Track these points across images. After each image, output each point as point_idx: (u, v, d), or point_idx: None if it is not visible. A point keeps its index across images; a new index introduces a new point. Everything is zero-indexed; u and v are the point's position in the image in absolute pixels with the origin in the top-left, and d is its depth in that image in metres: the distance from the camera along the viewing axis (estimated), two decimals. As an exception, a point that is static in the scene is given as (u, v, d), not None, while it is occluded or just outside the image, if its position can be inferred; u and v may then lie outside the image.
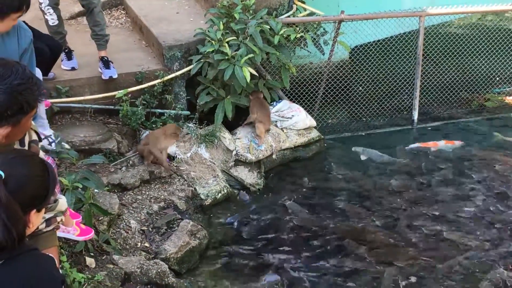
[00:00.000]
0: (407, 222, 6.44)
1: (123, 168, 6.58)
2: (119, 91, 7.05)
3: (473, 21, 10.34)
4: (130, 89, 7.15)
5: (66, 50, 7.32)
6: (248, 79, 7.03)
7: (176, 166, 6.87)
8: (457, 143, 7.99)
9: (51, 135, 6.12)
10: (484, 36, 8.82)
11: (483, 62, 8.86)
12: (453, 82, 8.84)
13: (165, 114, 7.31)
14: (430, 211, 6.60)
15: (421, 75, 8.41)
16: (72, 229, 4.55)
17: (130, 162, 6.70)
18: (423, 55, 8.34)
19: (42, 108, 6.07)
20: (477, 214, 6.57)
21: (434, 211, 6.61)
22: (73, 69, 7.32)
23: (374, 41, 8.73)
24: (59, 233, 4.35)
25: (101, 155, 6.40)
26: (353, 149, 7.87)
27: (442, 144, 7.95)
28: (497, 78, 9.03)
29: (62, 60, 7.27)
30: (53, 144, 5.87)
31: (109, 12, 9.09)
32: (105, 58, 7.22)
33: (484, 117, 8.66)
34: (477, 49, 8.82)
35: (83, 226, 4.69)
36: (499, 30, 8.93)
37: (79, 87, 7.16)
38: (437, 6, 8.29)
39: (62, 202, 3.92)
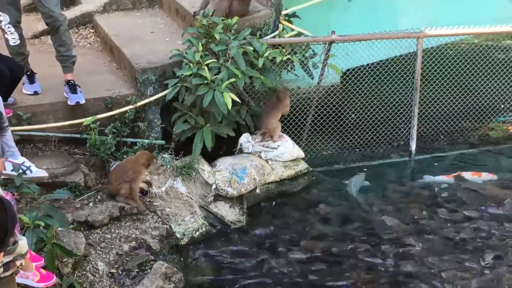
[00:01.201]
0: (400, 265, 6.44)
1: (90, 204, 6.54)
2: (87, 118, 7.04)
3: (476, 43, 10.47)
4: (99, 116, 7.13)
5: (28, 73, 7.32)
6: (230, 105, 7.03)
7: (149, 201, 6.84)
8: (485, 175, 8.03)
9: (24, 162, 6.11)
10: (488, 59, 8.92)
11: (487, 88, 8.93)
12: (454, 110, 8.90)
13: (138, 144, 7.30)
14: (425, 256, 6.58)
15: (420, 102, 8.45)
16: (32, 274, 4.51)
17: (98, 197, 6.66)
18: (421, 80, 8.39)
19: (9, 136, 6.05)
20: (477, 256, 6.60)
21: (429, 256, 6.60)
22: (35, 93, 7.31)
23: (367, 64, 8.81)
24: (18, 279, 4.31)
25: (66, 189, 6.37)
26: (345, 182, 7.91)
27: (468, 176, 8.00)
28: (502, 106, 9.10)
29: (23, 84, 7.26)
30: (28, 172, 5.86)
31: (76, 30, 9.13)
32: (72, 81, 7.22)
33: (488, 148, 8.71)
34: (480, 74, 8.90)
35: (43, 271, 4.64)
36: (503, 53, 9.03)
37: (42, 113, 7.14)
38: (437, 26, 8.38)
39: (22, 244, 3.88)
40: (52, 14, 6.93)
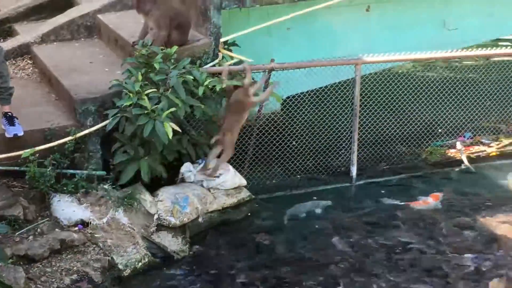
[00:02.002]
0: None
1: (30, 237, 6.49)
2: (25, 151, 6.98)
3: (413, 69, 10.74)
4: (37, 148, 7.09)
5: (-35, 105, 7.26)
6: (170, 135, 7.08)
7: (90, 233, 6.81)
8: (440, 195, 8.26)
9: None
10: (425, 85, 9.14)
11: (424, 113, 9.14)
12: (393, 135, 9.07)
13: (77, 176, 7.27)
14: (373, 279, 6.69)
15: (359, 128, 8.61)
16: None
17: (38, 230, 6.62)
18: (360, 106, 8.54)
19: None
20: (422, 278, 6.73)
21: (376, 279, 6.69)
22: (-28, 126, 7.25)
23: (308, 91, 8.93)
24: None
25: (5, 223, 6.31)
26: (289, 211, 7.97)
27: (432, 201, 8.17)
28: (439, 130, 9.31)
29: (-41, 117, 7.20)
30: None
31: (13, 62, 9.06)
32: (9, 113, 7.18)
33: (428, 171, 8.89)
34: (418, 99, 9.11)
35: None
36: (440, 78, 9.26)
37: (-21, 146, 7.09)
38: (374, 53, 8.56)
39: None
40: (-12, 45, 6.92)
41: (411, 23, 9.43)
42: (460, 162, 8.98)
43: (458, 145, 9.15)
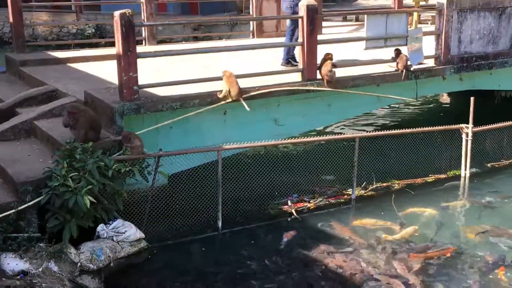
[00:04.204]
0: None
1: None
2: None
3: (261, 151, 11.17)
4: (-11, 219, 6.88)
5: None
6: (88, 205, 7.18)
7: (29, 280, 6.62)
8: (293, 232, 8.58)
9: None
10: (269, 162, 9.59)
11: (266, 181, 9.49)
12: (246, 197, 9.32)
13: (20, 237, 7.09)
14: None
15: (222, 193, 8.82)
16: None
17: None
18: (222, 178, 8.79)
19: None
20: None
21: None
22: None
23: (187, 170, 9.10)
24: None
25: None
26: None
27: (292, 233, 8.55)
28: (276, 192, 9.68)
29: None
30: None
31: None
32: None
33: (269, 222, 9.12)
34: (262, 172, 9.48)
35: None
36: (280, 156, 9.62)
37: None
38: (231, 142, 8.97)
39: None
40: None
41: (254, 121, 9.80)
42: (291, 214, 9.26)
43: (289, 202, 9.48)
